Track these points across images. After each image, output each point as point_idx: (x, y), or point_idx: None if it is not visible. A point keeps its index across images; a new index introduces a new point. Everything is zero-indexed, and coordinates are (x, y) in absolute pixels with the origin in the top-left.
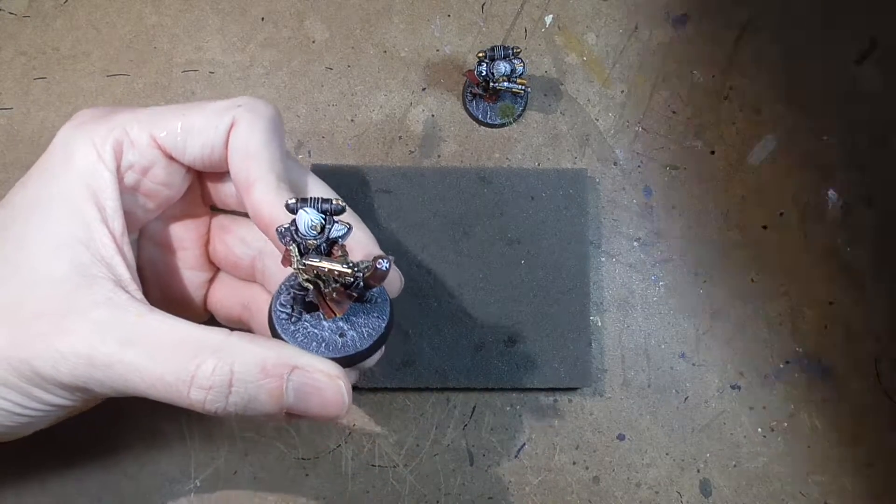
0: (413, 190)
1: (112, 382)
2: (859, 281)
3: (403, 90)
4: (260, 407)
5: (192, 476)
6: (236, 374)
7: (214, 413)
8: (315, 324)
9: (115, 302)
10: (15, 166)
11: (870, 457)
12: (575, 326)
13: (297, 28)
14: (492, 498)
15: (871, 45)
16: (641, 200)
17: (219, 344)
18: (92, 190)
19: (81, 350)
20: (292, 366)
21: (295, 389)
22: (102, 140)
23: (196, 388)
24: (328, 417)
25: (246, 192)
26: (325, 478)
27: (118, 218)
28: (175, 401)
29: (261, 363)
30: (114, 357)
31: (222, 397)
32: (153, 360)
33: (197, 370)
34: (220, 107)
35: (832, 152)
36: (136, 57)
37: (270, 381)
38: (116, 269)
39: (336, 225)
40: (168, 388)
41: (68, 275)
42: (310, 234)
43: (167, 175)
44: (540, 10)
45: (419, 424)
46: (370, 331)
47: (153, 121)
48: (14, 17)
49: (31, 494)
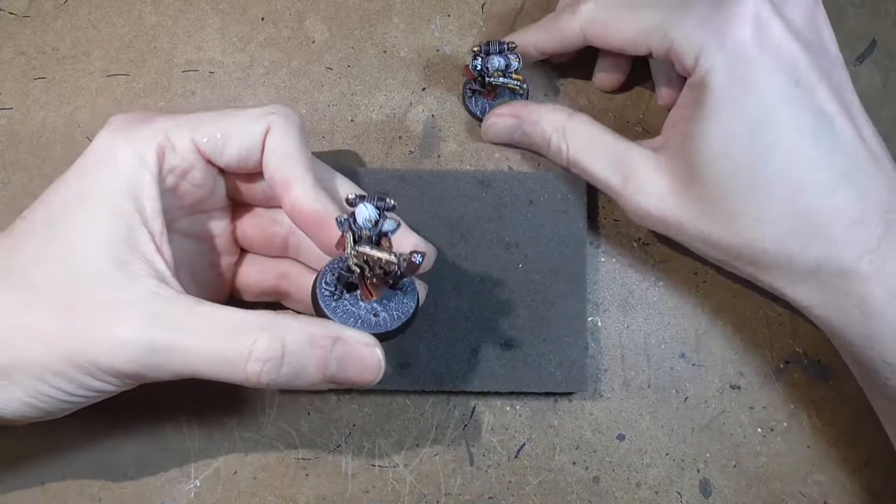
0: (412, 192)
1: (172, 366)
2: None
3: (403, 90)
4: (307, 377)
5: (192, 476)
6: (288, 347)
7: (266, 385)
8: (353, 303)
9: (162, 295)
10: (15, 166)
11: (869, 456)
12: (572, 331)
13: (297, 28)
14: (492, 498)
15: (871, 45)
16: None
17: (269, 322)
18: (133, 191)
19: (142, 337)
20: (336, 337)
21: (338, 358)
22: (146, 145)
23: (253, 362)
24: (365, 383)
25: (284, 190)
26: (325, 478)
27: (158, 218)
28: (231, 376)
29: (309, 336)
30: (174, 341)
31: (276, 369)
32: (212, 341)
33: (254, 345)
34: (255, 113)
35: None
36: (136, 57)
37: (317, 351)
38: (157, 265)
39: (388, 220)
40: (227, 364)
41: (113, 271)
42: (366, 225)
43: (203, 177)
44: (540, 10)
45: (419, 424)
46: (399, 314)
47: (194, 127)
48: (14, 17)
49: (32, 494)
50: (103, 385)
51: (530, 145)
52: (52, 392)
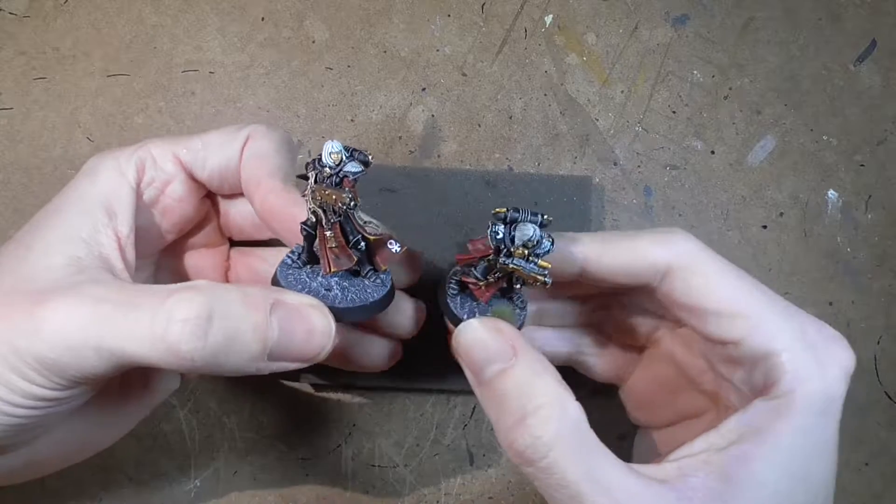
0: (417, 190)
1: (87, 345)
2: (859, 281)
3: (403, 90)
4: (244, 347)
5: (192, 476)
6: (216, 307)
7: (192, 359)
8: (310, 275)
9: (98, 280)
10: (15, 166)
11: (869, 456)
12: None
13: (297, 28)
14: (492, 498)
15: (871, 45)
16: (641, 200)
17: (195, 284)
18: (106, 197)
19: (57, 315)
20: (275, 299)
21: (280, 319)
22: (127, 159)
23: (174, 322)
24: (314, 351)
25: (255, 189)
26: (325, 478)
27: (127, 223)
28: (152, 350)
29: (241, 295)
30: (88, 315)
31: (201, 332)
32: (128, 307)
33: (174, 305)
34: (235, 128)
35: (832, 152)
36: (136, 57)
37: (254, 312)
38: (112, 263)
39: (353, 163)
40: (144, 332)
41: (62, 264)
42: (328, 161)
43: (184, 191)
44: (540, 10)
45: (419, 424)
46: (354, 297)
47: (175, 141)
48: (14, 17)
49: (32, 494)
50: (33, 388)
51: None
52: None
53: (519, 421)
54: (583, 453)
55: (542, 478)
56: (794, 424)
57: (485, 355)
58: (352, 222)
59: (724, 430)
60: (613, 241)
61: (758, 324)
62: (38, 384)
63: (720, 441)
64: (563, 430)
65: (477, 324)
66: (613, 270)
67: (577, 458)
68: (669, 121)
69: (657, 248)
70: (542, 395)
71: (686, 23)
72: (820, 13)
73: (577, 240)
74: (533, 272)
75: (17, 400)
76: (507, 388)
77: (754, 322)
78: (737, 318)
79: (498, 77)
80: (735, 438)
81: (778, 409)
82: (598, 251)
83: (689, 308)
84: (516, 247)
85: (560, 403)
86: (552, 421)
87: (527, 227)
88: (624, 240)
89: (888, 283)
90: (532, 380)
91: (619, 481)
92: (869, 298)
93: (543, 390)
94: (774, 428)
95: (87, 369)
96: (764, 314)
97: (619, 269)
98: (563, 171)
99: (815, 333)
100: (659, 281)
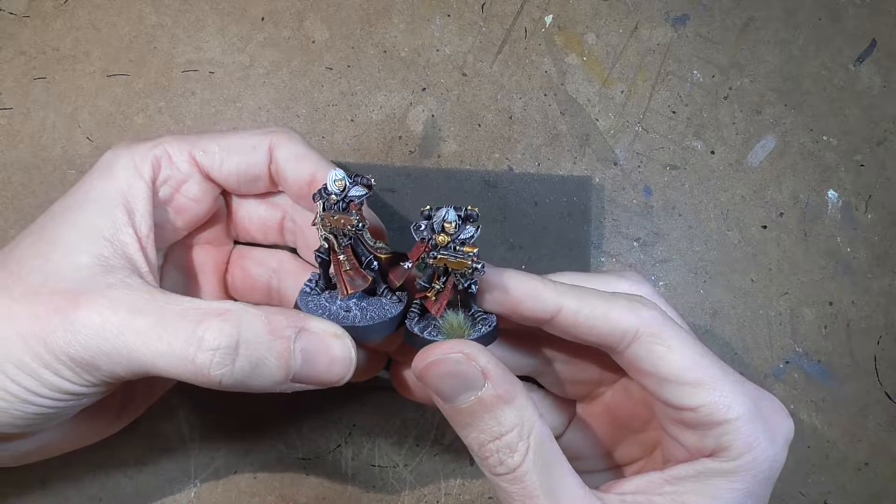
0: (417, 190)
1: (121, 353)
2: (859, 281)
3: (403, 90)
4: (267, 372)
5: (192, 476)
6: (243, 335)
7: (221, 382)
8: (329, 299)
9: (130, 284)
10: (15, 166)
11: (869, 456)
12: None
13: (297, 28)
14: (492, 498)
15: (871, 45)
16: (641, 200)
17: (225, 310)
18: (124, 195)
19: (93, 320)
20: (299, 326)
21: (303, 350)
22: (143, 156)
23: (203, 351)
24: (334, 379)
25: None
26: (325, 478)
27: (146, 222)
28: (182, 370)
29: (267, 324)
30: (124, 325)
31: (229, 360)
32: (162, 327)
33: (204, 332)
34: (256, 132)
35: (832, 152)
36: (136, 57)
37: (278, 342)
38: (137, 263)
39: (356, 187)
40: (175, 354)
41: (89, 264)
42: (333, 189)
43: (199, 191)
44: (540, 10)
45: (419, 424)
46: (373, 315)
47: (193, 142)
48: (14, 17)
49: (32, 494)
50: (66, 384)
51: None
52: (11, 387)
53: (489, 440)
54: (546, 473)
55: (506, 487)
56: (739, 487)
57: (455, 384)
58: (362, 244)
59: (669, 475)
60: (589, 298)
61: (715, 394)
62: (68, 380)
63: (665, 486)
64: (530, 453)
65: (447, 349)
66: (584, 331)
67: (541, 477)
68: (669, 121)
69: (629, 314)
70: (511, 420)
71: (686, 23)
72: (820, 13)
73: (504, 272)
74: (460, 258)
75: (45, 392)
76: (476, 412)
77: (712, 392)
78: (697, 386)
79: (498, 77)
80: (681, 489)
81: (725, 472)
82: (575, 307)
83: (651, 374)
84: (437, 232)
85: (528, 425)
86: (520, 445)
87: (441, 210)
88: (600, 301)
89: (888, 283)
90: (501, 406)
91: (577, 501)
92: (869, 298)
93: (512, 416)
94: (721, 486)
95: (118, 372)
96: (720, 385)
97: (590, 329)
98: (563, 171)
99: (765, 405)
100: (625, 346)
